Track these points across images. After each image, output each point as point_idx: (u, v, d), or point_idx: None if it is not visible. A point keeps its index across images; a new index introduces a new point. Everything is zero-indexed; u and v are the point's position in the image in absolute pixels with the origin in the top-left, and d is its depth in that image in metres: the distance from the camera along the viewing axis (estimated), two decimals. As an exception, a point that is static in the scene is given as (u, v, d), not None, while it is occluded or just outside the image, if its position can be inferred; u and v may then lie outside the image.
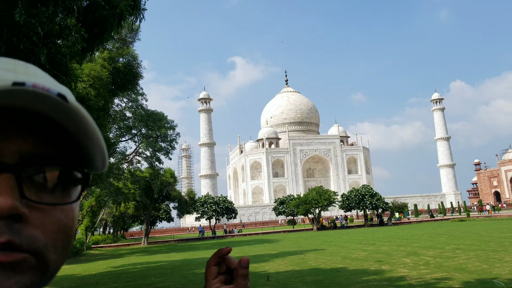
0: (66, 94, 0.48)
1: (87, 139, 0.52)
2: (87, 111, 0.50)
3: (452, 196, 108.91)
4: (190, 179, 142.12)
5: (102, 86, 17.67)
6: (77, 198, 0.55)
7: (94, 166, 0.58)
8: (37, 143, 0.50)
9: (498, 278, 10.64)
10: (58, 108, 0.48)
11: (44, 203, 0.50)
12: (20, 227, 0.48)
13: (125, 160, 34.30)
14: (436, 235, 29.05)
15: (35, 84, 0.46)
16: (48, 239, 0.50)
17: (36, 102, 0.47)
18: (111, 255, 34.11)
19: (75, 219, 0.55)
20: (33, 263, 0.49)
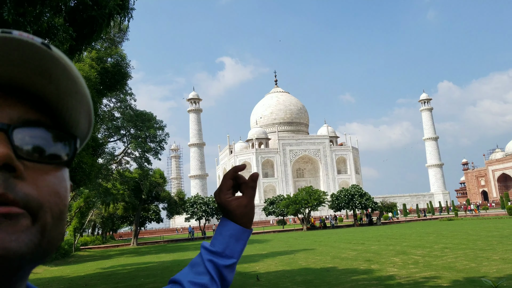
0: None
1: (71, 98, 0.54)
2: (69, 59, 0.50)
3: (440, 196, 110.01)
4: (179, 180, 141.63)
5: (90, 86, 17.51)
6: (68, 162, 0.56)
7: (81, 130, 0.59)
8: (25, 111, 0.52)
9: (486, 277, 10.76)
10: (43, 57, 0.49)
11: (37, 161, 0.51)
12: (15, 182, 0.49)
13: (114, 161, 34.06)
14: (424, 234, 29.32)
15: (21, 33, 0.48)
16: (43, 200, 0.51)
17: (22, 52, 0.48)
18: (100, 256, 33.82)
19: (68, 191, 0.56)
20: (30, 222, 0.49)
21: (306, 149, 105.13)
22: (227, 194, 1.03)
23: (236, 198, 1.04)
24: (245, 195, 1.04)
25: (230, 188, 1.04)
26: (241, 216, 1.03)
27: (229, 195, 1.03)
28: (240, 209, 1.02)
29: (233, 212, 1.02)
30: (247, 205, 1.03)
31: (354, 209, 55.79)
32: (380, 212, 57.63)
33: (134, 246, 44.84)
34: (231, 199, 1.03)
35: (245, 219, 1.03)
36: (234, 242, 1.02)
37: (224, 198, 1.03)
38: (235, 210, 1.02)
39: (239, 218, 1.03)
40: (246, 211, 1.03)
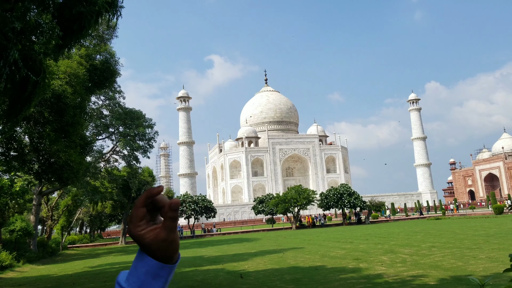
0: None
1: None
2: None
3: (428, 195, 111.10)
4: (168, 178, 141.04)
5: (79, 83, 17.35)
6: None
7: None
8: None
9: (472, 275, 10.87)
10: None
11: None
12: None
13: (102, 159, 33.80)
14: (412, 233, 29.59)
15: None
16: None
17: None
18: (88, 255, 33.56)
19: None
20: None
21: (296, 148, 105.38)
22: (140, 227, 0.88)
23: (152, 229, 0.89)
24: (162, 227, 0.88)
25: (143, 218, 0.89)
26: (159, 250, 0.88)
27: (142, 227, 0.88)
28: (157, 244, 0.88)
29: (148, 246, 0.88)
30: (166, 239, 0.88)
31: (343, 208, 56.07)
32: (368, 211, 57.98)
33: (122, 245, 44.57)
34: (145, 232, 0.88)
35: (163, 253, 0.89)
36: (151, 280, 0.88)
37: (135, 231, 0.88)
38: (150, 244, 0.88)
39: (157, 252, 0.88)
40: (164, 246, 0.88)
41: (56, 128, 16.13)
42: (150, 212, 0.91)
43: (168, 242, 0.89)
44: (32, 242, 29.40)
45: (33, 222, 28.79)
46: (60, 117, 15.90)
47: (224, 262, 19.41)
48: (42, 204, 36.36)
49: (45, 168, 17.21)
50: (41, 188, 28.94)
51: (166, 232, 0.88)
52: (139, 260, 0.90)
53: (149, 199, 0.89)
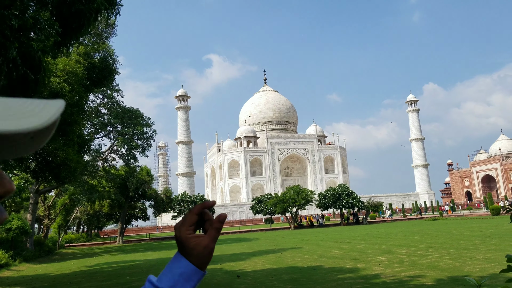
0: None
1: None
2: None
3: (425, 196, 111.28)
4: (166, 178, 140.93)
5: (77, 82, 17.31)
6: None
7: None
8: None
9: (469, 276, 10.88)
10: None
11: None
12: None
13: (100, 158, 33.73)
14: (410, 234, 29.63)
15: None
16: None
17: None
18: (85, 254, 33.50)
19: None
20: None
21: (295, 148, 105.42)
22: (189, 230, 0.99)
23: (197, 236, 0.99)
24: (207, 235, 0.99)
25: (193, 224, 1.00)
26: (198, 256, 0.97)
27: (190, 231, 0.99)
28: (199, 249, 0.97)
29: (190, 250, 0.97)
30: (207, 246, 0.98)
31: (341, 208, 56.13)
32: (366, 211, 58.04)
33: (119, 244, 44.50)
34: (192, 236, 0.98)
35: (201, 260, 0.98)
36: (183, 282, 0.96)
37: (185, 233, 0.98)
38: (193, 248, 0.97)
39: (195, 258, 0.97)
40: (204, 252, 0.97)
41: (54, 127, 16.05)
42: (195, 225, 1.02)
43: (208, 250, 0.98)
44: (29, 241, 29.32)
45: (29, 220, 28.71)
46: (58, 115, 15.82)
47: (222, 262, 19.39)
48: (39, 203, 36.26)
49: (42, 166, 17.17)
50: (38, 187, 28.87)
51: (209, 240, 0.98)
52: (176, 261, 0.97)
53: (203, 208, 1.01)
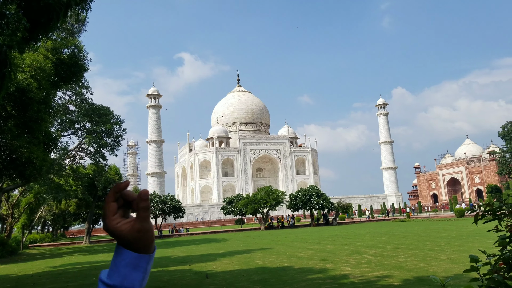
0: None
1: None
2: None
3: (393, 198, 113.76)
4: (136, 177, 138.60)
5: (45, 78, 16.81)
6: None
7: None
8: None
9: (435, 276, 11.18)
10: None
11: None
12: None
13: (67, 156, 32.85)
14: (378, 235, 30.23)
15: None
16: None
17: None
18: (50, 254, 32.59)
19: None
20: None
21: (267, 149, 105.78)
22: (114, 220, 0.95)
23: (127, 222, 0.95)
24: (136, 218, 0.95)
25: (116, 212, 0.95)
26: (136, 241, 0.94)
27: (116, 220, 0.95)
28: (133, 234, 0.94)
29: (125, 238, 0.94)
30: (141, 229, 0.94)
31: (311, 209, 56.68)
32: (336, 212, 58.81)
33: (86, 244, 43.51)
34: (120, 224, 0.94)
35: (141, 243, 0.95)
36: (131, 271, 0.94)
37: (111, 224, 0.94)
38: (126, 236, 0.94)
39: (134, 244, 0.95)
40: (140, 236, 0.95)
41: (18, 123, 15.56)
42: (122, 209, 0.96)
43: (144, 232, 0.94)
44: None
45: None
46: (24, 112, 15.35)
47: (191, 263, 19.24)
48: (2, 202, 35.03)
49: (6, 164, 16.58)
50: (2, 185, 27.84)
51: (140, 222, 0.94)
52: (118, 254, 0.95)
53: (117, 193, 0.95)
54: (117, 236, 0.94)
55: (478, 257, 2.47)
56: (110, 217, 0.94)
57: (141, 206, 0.94)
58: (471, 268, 2.41)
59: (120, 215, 0.96)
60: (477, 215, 2.77)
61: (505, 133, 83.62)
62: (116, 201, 0.96)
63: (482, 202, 44.41)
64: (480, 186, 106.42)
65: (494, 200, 67.97)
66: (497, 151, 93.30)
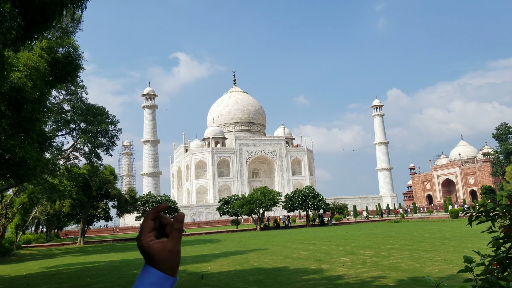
0: None
1: None
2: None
3: (388, 198, 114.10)
4: (131, 177, 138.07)
5: (39, 77, 16.72)
6: None
7: None
8: None
9: (429, 276, 11.21)
10: None
11: None
12: None
13: (62, 156, 32.68)
14: (373, 236, 30.30)
15: None
16: None
17: None
18: (43, 255, 32.40)
19: None
20: None
21: (263, 149, 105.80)
22: (149, 237, 0.98)
23: (159, 241, 0.98)
24: (170, 238, 0.98)
25: (152, 230, 0.98)
26: (165, 261, 0.96)
27: (151, 238, 0.98)
28: (164, 254, 0.96)
29: (155, 256, 0.96)
30: (172, 249, 0.97)
31: (307, 209, 56.71)
32: (331, 213, 58.88)
33: (80, 245, 43.28)
34: (154, 242, 0.97)
35: (169, 264, 0.97)
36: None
37: (146, 241, 0.97)
38: (157, 254, 0.96)
39: (162, 263, 0.96)
40: (170, 256, 0.97)
41: (12, 123, 15.47)
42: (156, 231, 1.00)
43: (174, 253, 0.97)
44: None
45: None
46: (18, 111, 15.26)
47: (186, 264, 19.19)
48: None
49: (0, 164, 16.47)
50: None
51: (173, 243, 0.97)
52: (145, 272, 0.96)
53: (157, 213, 1.00)
54: (148, 253, 0.96)
55: (472, 257, 2.47)
56: (146, 234, 0.97)
57: (176, 227, 0.98)
58: (465, 268, 2.41)
59: (154, 234, 0.99)
60: (471, 216, 2.77)
61: (499, 135, 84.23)
62: (154, 220, 0.99)
63: (476, 203, 44.70)
64: (474, 187, 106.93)
65: (488, 201, 68.28)
66: (491, 153, 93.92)
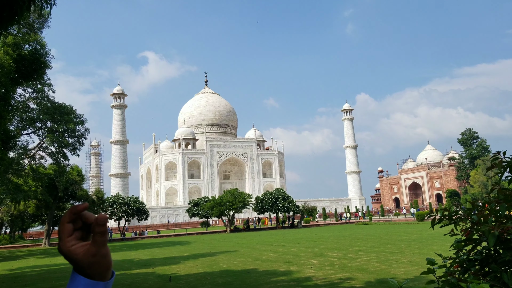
0: None
1: None
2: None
3: (357, 201, 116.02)
4: (99, 178, 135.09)
5: (4, 74, 16.18)
6: None
7: None
8: None
9: (395, 278, 11.50)
10: None
11: None
12: None
13: (27, 155, 31.63)
14: (341, 238, 30.75)
15: None
16: None
17: None
18: (6, 257, 31.28)
19: None
20: None
21: (234, 151, 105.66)
22: (69, 241, 0.91)
23: (82, 245, 0.91)
24: (92, 242, 0.91)
25: (72, 234, 0.92)
26: (90, 266, 0.90)
27: (72, 242, 0.91)
28: (88, 259, 0.90)
29: (79, 262, 0.90)
30: (96, 253, 0.90)
31: (277, 212, 57.03)
32: (301, 215, 59.42)
33: (45, 247, 42.01)
34: (76, 247, 0.91)
35: (96, 269, 0.91)
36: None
37: (66, 246, 0.91)
38: (81, 260, 0.90)
39: (89, 269, 0.90)
40: (95, 260, 0.90)
41: (-26, 120, 14.87)
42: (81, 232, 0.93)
43: (99, 257, 0.90)
44: None
45: None
46: (-20, 108, 14.68)
47: (154, 266, 18.94)
48: (-45, 202, 33.36)
49: (-40, 163, 15.81)
50: (-45, 185, 26.53)
51: (96, 247, 0.90)
52: (72, 281, 0.91)
53: (74, 215, 0.91)
54: (71, 259, 0.90)
55: (435, 260, 2.55)
56: (65, 239, 0.90)
57: (97, 231, 0.90)
58: (428, 270, 2.49)
59: (76, 237, 0.92)
60: (434, 219, 2.86)
61: (464, 140, 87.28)
62: (73, 223, 0.92)
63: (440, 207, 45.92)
64: (440, 190, 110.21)
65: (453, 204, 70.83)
66: (456, 157, 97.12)
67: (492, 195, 2.77)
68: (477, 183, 73.87)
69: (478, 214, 2.59)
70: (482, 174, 72.36)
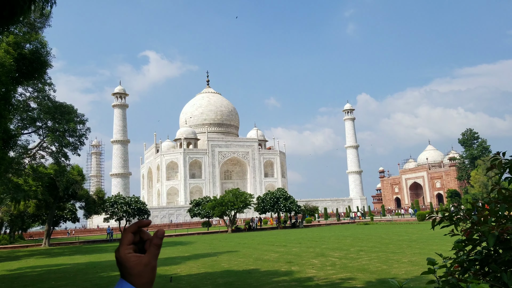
0: None
1: None
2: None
3: (358, 201, 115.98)
4: (99, 178, 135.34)
5: (5, 73, 16.18)
6: None
7: None
8: None
9: (396, 278, 11.47)
10: None
11: None
12: None
13: (27, 155, 31.68)
14: (342, 238, 30.72)
15: None
16: None
17: None
18: (6, 257, 31.29)
19: None
20: None
21: (235, 151, 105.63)
22: (127, 249, 0.98)
23: (137, 255, 0.98)
24: (147, 253, 0.99)
25: (131, 243, 1.00)
26: (139, 275, 0.96)
27: (129, 250, 0.98)
28: (139, 267, 0.96)
29: (130, 269, 0.96)
30: (148, 263, 0.97)
31: (278, 211, 56.99)
32: (302, 215, 59.36)
33: (46, 247, 42.04)
34: (131, 255, 0.97)
35: (143, 279, 0.97)
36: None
37: (123, 253, 0.98)
38: (133, 268, 0.96)
39: (137, 277, 0.96)
40: (145, 270, 0.97)
41: (-25, 120, 14.88)
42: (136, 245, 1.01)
43: (150, 268, 0.97)
44: None
45: None
46: (-19, 108, 14.69)
47: (155, 265, 18.89)
48: (-44, 202, 33.40)
49: (-40, 162, 15.82)
50: (-44, 184, 26.56)
51: (149, 258, 0.98)
52: (119, 287, 0.96)
53: (138, 228, 1.01)
54: (124, 265, 0.96)
55: (435, 260, 2.53)
56: (124, 245, 0.98)
57: (155, 243, 0.99)
58: (428, 270, 2.47)
59: (132, 248, 0.99)
60: (435, 220, 2.84)
61: (464, 140, 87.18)
62: (134, 234, 1.00)
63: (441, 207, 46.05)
64: (440, 190, 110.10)
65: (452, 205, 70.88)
66: (457, 157, 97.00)
67: (492, 195, 2.75)
68: (477, 183, 73.77)
69: (478, 215, 2.57)
70: (482, 174, 72.24)
